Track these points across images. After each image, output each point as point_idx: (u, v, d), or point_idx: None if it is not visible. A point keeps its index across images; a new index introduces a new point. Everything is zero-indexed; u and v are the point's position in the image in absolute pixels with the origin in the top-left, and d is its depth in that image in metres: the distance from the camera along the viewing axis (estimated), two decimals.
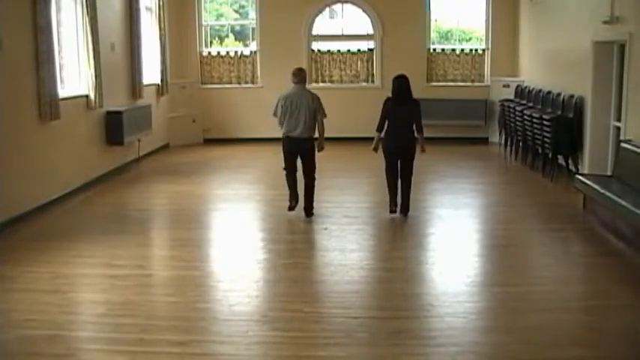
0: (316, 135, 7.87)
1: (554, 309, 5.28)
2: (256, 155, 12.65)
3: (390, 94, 7.87)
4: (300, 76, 7.81)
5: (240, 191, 9.77)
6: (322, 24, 14.52)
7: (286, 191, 7.99)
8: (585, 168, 9.31)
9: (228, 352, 4.62)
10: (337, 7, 14.58)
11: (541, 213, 8.35)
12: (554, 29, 11.16)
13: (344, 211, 8.29)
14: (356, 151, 11.50)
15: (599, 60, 9.03)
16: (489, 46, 14.00)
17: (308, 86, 13.82)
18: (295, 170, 7.92)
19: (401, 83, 7.74)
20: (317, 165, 7.91)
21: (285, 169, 7.96)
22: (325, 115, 7.78)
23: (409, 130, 7.68)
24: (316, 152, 7.86)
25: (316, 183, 7.93)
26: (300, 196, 7.95)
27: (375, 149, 7.95)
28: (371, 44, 14.24)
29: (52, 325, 4.99)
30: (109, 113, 10.22)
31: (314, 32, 14.25)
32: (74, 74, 9.53)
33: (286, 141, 7.79)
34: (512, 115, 11.70)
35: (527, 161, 11.00)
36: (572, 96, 9.74)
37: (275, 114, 7.79)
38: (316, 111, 7.68)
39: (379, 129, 7.79)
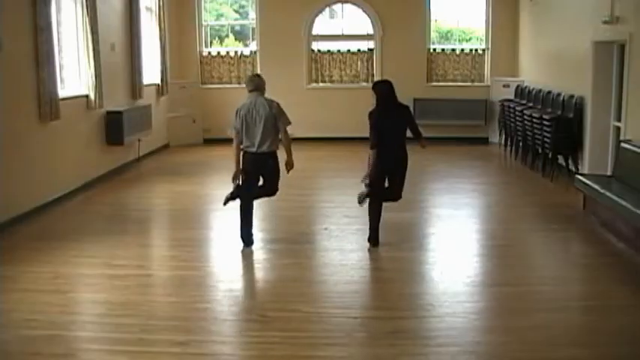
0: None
1: (554, 309, 5.28)
2: None
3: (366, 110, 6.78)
4: (253, 82, 6.75)
5: None
6: (322, 24, 14.52)
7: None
8: (585, 168, 9.31)
9: (228, 352, 4.63)
10: (337, 7, 14.58)
11: (541, 213, 8.35)
12: (554, 29, 11.16)
13: (344, 211, 8.28)
14: (356, 151, 11.47)
15: (599, 60, 9.03)
16: (489, 46, 14.00)
17: (308, 86, 14.01)
18: (253, 198, 6.87)
19: (385, 88, 6.68)
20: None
21: (238, 195, 6.80)
22: (289, 122, 6.70)
23: (400, 142, 6.65)
24: (281, 171, 6.82)
25: (279, 194, 6.95)
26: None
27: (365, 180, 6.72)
28: (371, 44, 14.24)
29: (52, 325, 4.99)
30: (109, 113, 10.22)
31: (314, 32, 14.24)
32: (74, 74, 9.53)
33: (246, 157, 6.76)
34: (512, 115, 11.70)
35: (527, 161, 11.00)
36: (572, 96, 9.74)
37: (232, 129, 6.81)
38: (277, 120, 6.62)
39: (374, 146, 6.58)
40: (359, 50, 14.31)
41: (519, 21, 13.50)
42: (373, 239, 6.82)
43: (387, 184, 6.85)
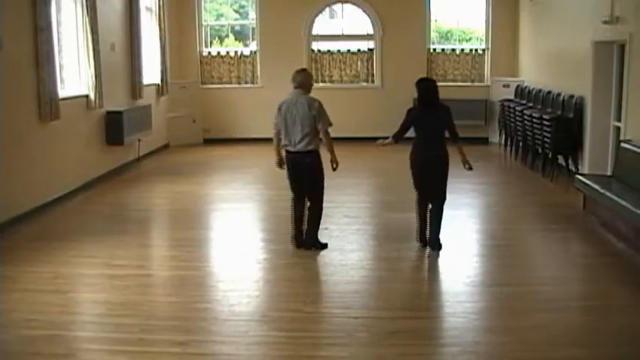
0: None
1: (554, 309, 5.28)
2: (256, 155, 12.64)
3: (404, 106, 6.82)
4: (297, 79, 6.63)
5: (240, 191, 9.77)
6: (322, 24, 14.52)
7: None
8: (585, 168, 9.31)
9: (228, 352, 4.62)
10: (337, 7, 14.58)
11: (541, 213, 8.35)
12: (554, 29, 11.16)
13: (344, 211, 8.28)
14: (356, 151, 11.49)
15: (599, 60, 9.03)
16: (489, 46, 14.01)
17: None
18: (301, 198, 6.76)
19: (426, 86, 6.66)
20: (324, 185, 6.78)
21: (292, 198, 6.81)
22: (330, 124, 6.58)
23: (438, 142, 6.58)
24: (324, 170, 6.67)
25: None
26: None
27: (379, 145, 6.86)
28: (371, 44, 14.24)
29: (52, 325, 4.99)
30: (109, 113, 10.22)
31: (314, 32, 14.25)
32: (74, 74, 9.53)
33: (286, 156, 6.70)
34: (512, 115, 11.70)
35: (527, 161, 11.00)
36: (572, 96, 9.74)
37: (273, 124, 6.74)
38: (316, 119, 6.47)
39: (395, 136, 6.70)
40: (359, 50, 14.31)
41: (519, 21, 13.51)
42: (420, 239, 6.78)
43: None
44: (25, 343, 4.70)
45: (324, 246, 6.80)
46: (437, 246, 6.68)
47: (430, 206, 6.71)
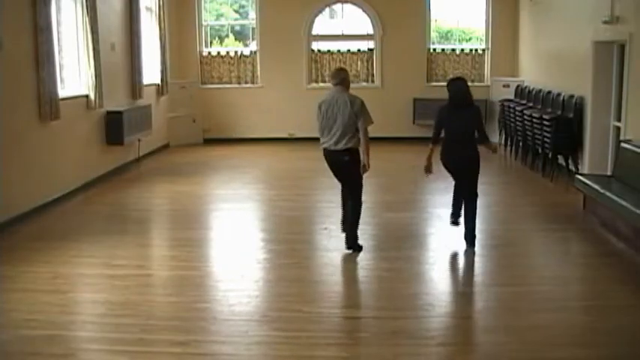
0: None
1: (554, 309, 5.27)
2: (256, 155, 12.65)
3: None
4: (338, 76, 6.65)
5: (240, 191, 9.77)
6: (322, 24, 14.52)
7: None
8: (585, 168, 9.31)
9: (228, 352, 4.62)
10: (337, 7, 14.58)
11: (541, 213, 8.34)
12: (554, 29, 11.17)
13: None
14: None
15: (599, 60, 9.03)
16: (489, 46, 14.01)
17: (308, 86, 13.99)
18: (345, 195, 6.84)
19: (458, 86, 6.68)
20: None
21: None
22: (371, 122, 6.44)
23: (467, 142, 6.56)
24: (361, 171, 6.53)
25: (360, 203, 6.68)
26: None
27: (427, 168, 6.79)
28: (371, 44, 14.24)
29: (52, 325, 4.99)
30: (109, 113, 10.22)
31: (314, 32, 14.24)
32: (74, 74, 9.53)
33: (325, 154, 6.62)
34: (512, 115, 11.70)
35: (527, 161, 11.00)
36: (572, 96, 9.74)
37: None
38: (357, 117, 6.35)
39: (433, 141, 6.72)
40: (359, 50, 14.31)
41: (519, 21, 13.51)
42: (451, 219, 6.96)
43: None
44: (25, 343, 4.70)
45: (359, 248, 6.67)
46: (470, 241, 6.67)
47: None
